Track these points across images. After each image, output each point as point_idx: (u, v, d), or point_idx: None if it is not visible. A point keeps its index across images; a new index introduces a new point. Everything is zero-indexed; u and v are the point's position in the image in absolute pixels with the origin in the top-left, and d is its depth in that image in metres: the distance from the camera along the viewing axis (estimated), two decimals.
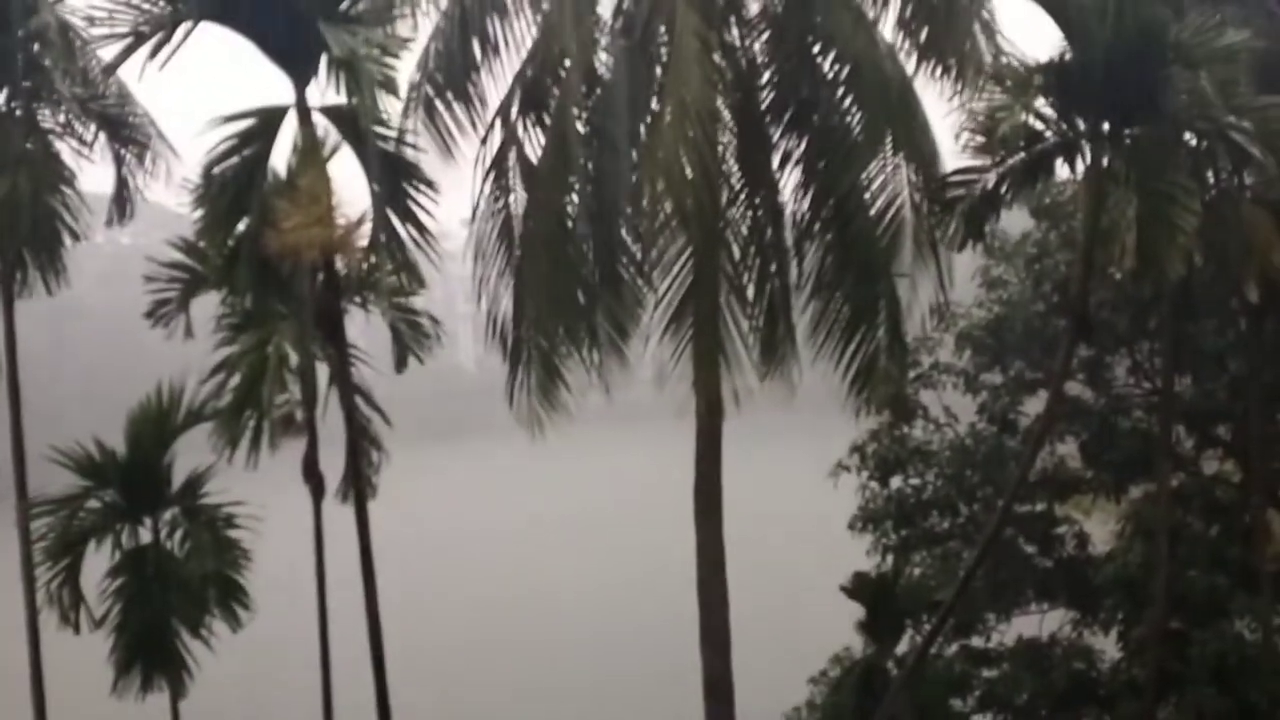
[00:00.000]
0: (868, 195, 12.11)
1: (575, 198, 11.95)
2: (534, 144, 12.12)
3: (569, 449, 25.56)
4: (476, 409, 75.22)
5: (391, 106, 11.95)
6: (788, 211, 12.57)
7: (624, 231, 12.11)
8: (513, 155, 12.20)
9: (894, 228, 12.17)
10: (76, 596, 14.12)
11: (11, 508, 14.97)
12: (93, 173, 14.80)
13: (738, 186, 12.53)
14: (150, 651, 14.39)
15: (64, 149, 14.29)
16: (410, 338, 14.57)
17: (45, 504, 14.28)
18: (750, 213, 12.64)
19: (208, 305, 14.50)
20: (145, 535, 14.50)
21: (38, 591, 14.36)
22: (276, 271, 12.53)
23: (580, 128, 11.53)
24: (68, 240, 14.22)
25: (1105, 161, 12.27)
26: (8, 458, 15.10)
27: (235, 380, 13.65)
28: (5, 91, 14.03)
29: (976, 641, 17.23)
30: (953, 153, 12.38)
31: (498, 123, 12.06)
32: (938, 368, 17.39)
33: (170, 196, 15.13)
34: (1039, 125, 12.40)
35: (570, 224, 12.08)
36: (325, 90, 12.41)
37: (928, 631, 15.35)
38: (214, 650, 14.78)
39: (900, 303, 12.36)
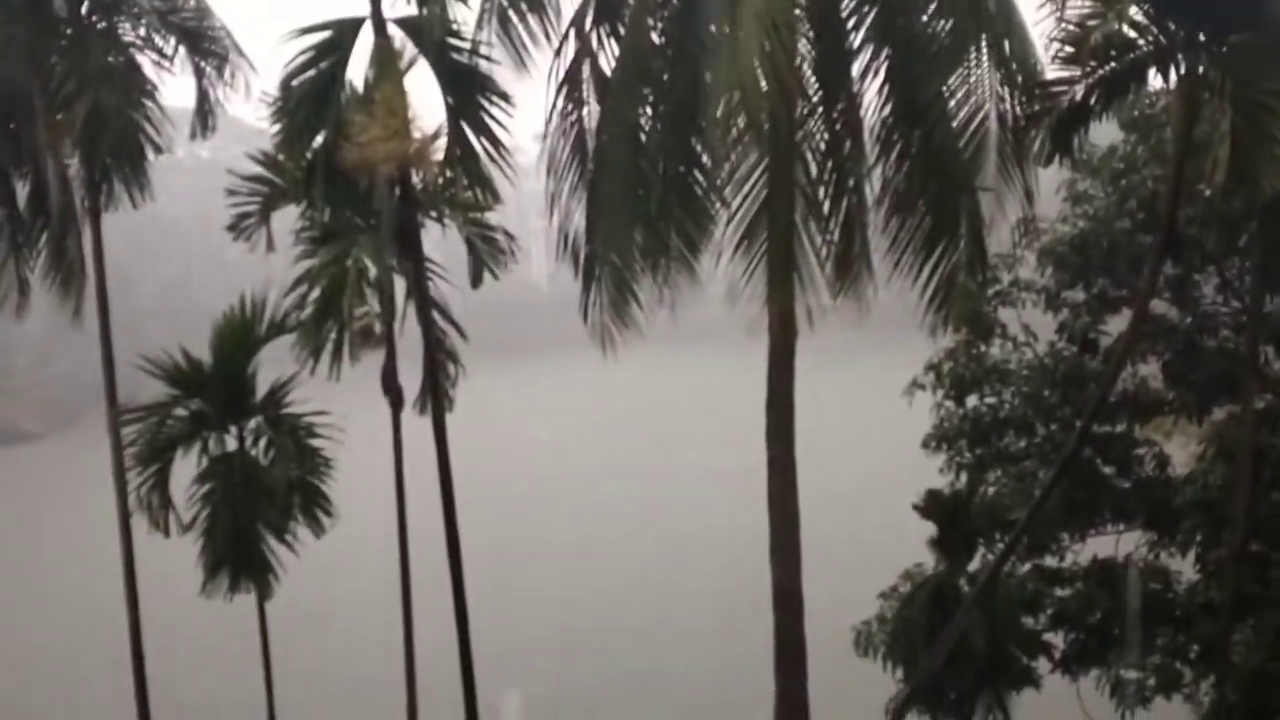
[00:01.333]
0: (951, 106, 11.78)
1: (649, 110, 11.82)
2: (608, 55, 11.97)
3: (640, 366, 25.75)
4: (549, 325, 75.75)
5: (466, 18, 11.87)
6: (867, 123, 12.30)
7: (697, 145, 11.97)
8: (586, 67, 12.06)
9: (978, 140, 11.84)
10: (165, 501, 14.60)
11: (103, 414, 15.49)
12: (174, 86, 15.00)
13: (815, 98, 12.26)
14: (237, 555, 14.87)
15: (145, 63, 14.46)
16: (485, 253, 14.63)
17: (135, 411, 14.71)
18: (827, 125, 12.38)
19: (288, 218, 14.72)
20: (231, 443, 14.92)
21: (129, 495, 14.90)
22: (354, 185, 12.62)
23: (655, 38, 11.35)
24: (150, 154, 14.43)
25: (1200, 71, 11.80)
26: (98, 366, 15.58)
27: (316, 293, 13.88)
28: (85, 5, 14.18)
29: (1050, 561, 17.14)
30: (1043, 63, 11.99)
31: (572, 34, 11.93)
32: (1018, 285, 17.04)
33: (249, 110, 15.29)
34: (1131, 33, 11.94)
35: (643, 137, 11.97)
36: (400, 2, 12.38)
37: (1001, 550, 15.30)
38: (298, 555, 15.22)
39: (982, 217, 12.09)
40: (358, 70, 12.83)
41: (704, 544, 35.33)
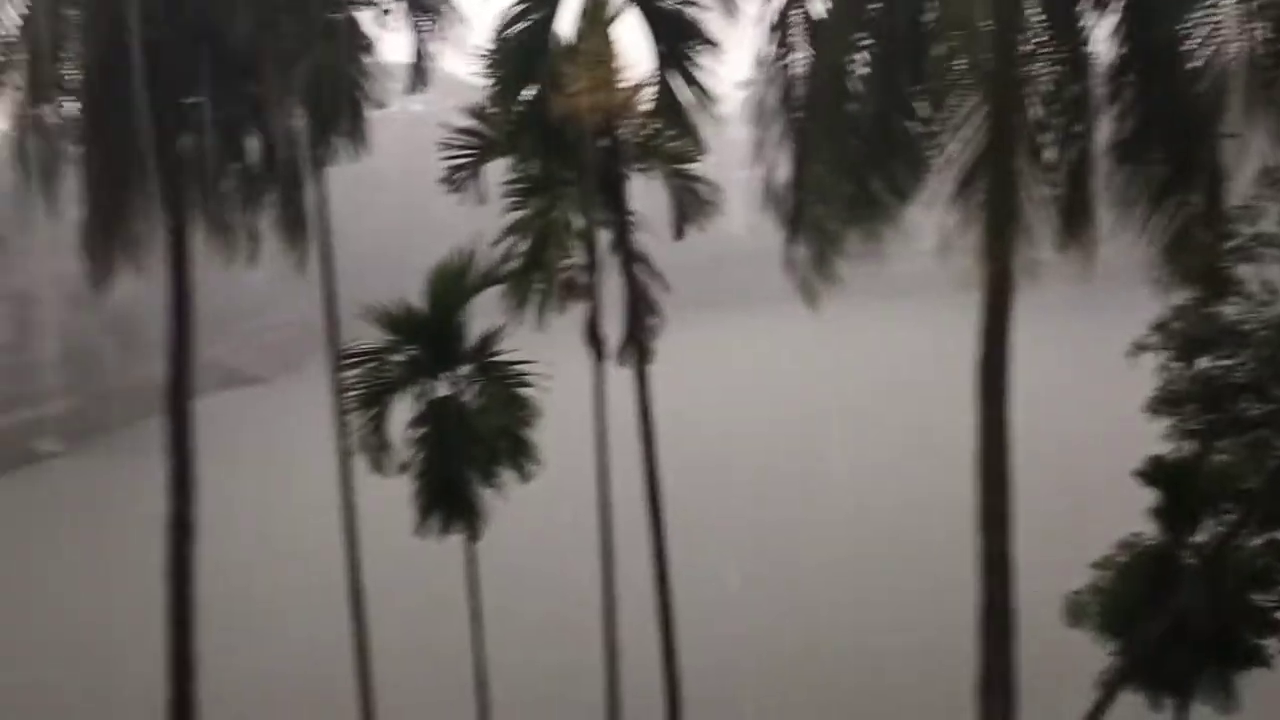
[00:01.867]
0: (1192, 44, 10.93)
1: (861, 55, 11.45)
2: None
3: (842, 319, 25.22)
4: (749, 277, 75.37)
5: None
6: (1096, 65, 11.56)
7: (913, 90, 11.53)
8: (796, 12, 11.77)
9: (1221, 82, 10.96)
10: (383, 443, 15.25)
11: (323, 359, 16.26)
12: (390, 41, 15.44)
13: (1040, 39, 11.61)
14: (448, 498, 15.43)
15: (364, 19, 14.92)
16: (689, 204, 14.57)
17: (355, 357, 15.38)
18: (1053, 68, 11.71)
19: (497, 171, 15.02)
20: (443, 389, 15.44)
21: (349, 437, 15.63)
22: (562, 137, 12.73)
23: None
24: (369, 109, 14.94)
25: None
26: (319, 313, 16.35)
27: (523, 245, 14.16)
28: None
29: None
30: None
31: None
32: (1260, 239, 15.82)
33: (461, 64, 15.63)
34: None
35: (854, 83, 11.61)
36: None
37: (1231, 521, 14.36)
38: (506, 499, 15.66)
39: (1221, 166, 11.23)
40: (568, 22, 12.92)
41: (905, 506, 34.64)
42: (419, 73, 15.18)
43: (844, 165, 11.77)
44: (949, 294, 12.76)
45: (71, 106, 14.11)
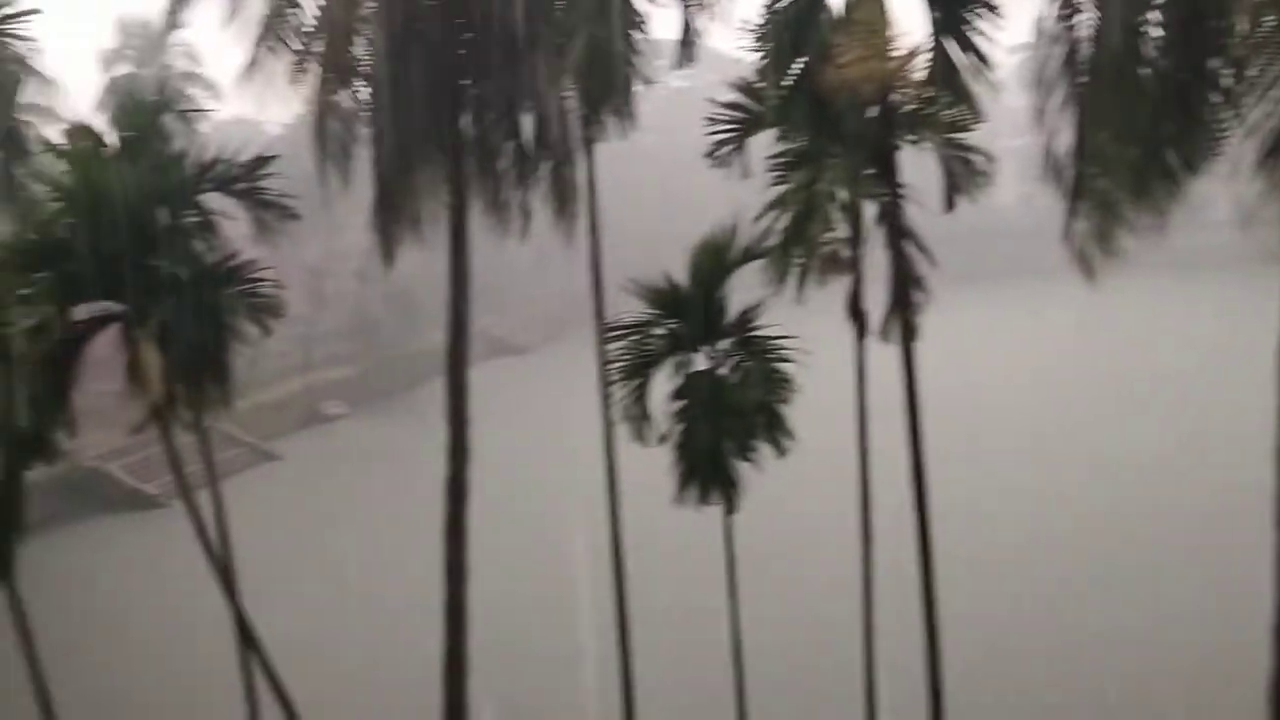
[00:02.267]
0: None
1: (1154, 15, 10.72)
2: None
3: (1121, 295, 23.79)
4: (1018, 251, 72.30)
5: None
6: None
7: (1211, 51, 10.72)
8: None
9: None
10: (645, 414, 15.57)
11: (584, 331, 16.75)
12: (658, 17, 15.65)
13: None
14: (706, 469, 15.60)
15: None
16: (961, 175, 14.07)
17: (619, 329, 15.76)
18: None
19: (761, 145, 14.98)
20: (703, 362, 15.60)
21: (612, 407, 16.07)
22: (831, 109, 12.56)
23: None
24: (638, 85, 15.21)
25: None
26: (582, 286, 16.85)
27: (786, 219, 14.07)
28: None
29: None
30: None
31: None
32: None
33: (725, 38, 15.67)
34: None
35: (1146, 46, 10.90)
36: None
37: None
38: (763, 473, 15.69)
39: None
40: None
41: (1192, 497, 32.41)
42: (687, 48, 15.33)
43: (1132, 134, 11.10)
44: (1242, 268, 11.78)
45: (364, 91, 15.09)
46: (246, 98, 15.96)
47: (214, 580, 15.46)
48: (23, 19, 16.64)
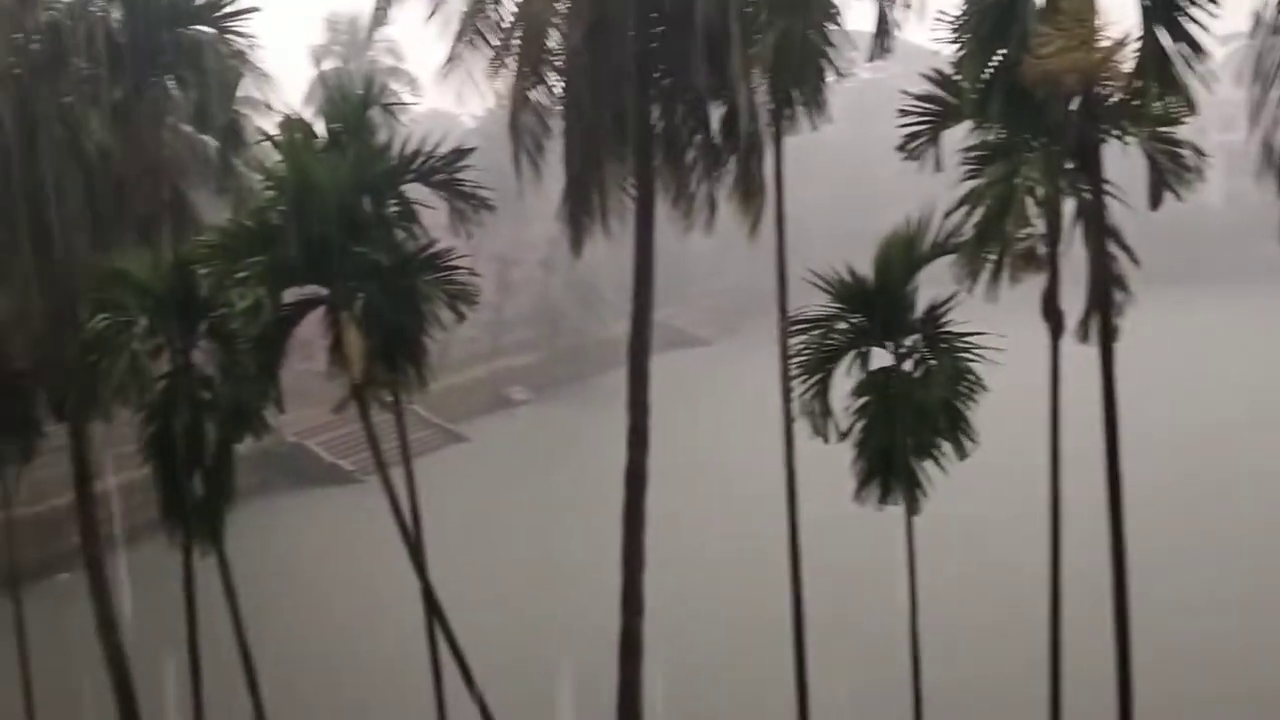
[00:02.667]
0: None
1: None
2: None
3: None
4: (1223, 251, 68.40)
5: None
6: None
7: None
8: None
9: None
10: (825, 410, 15.41)
11: (762, 324, 16.67)
12: (852, 9, 15.45)
13: None
14: (887, 468, 15.34)
15: None
16: (1170, 171, 13.39)
17: (802, 323, 15.63)
18: None
19: (952, 139, 14.62)
20: (887, 358, 15.33)
21: (792, 402, 15.96)
22: (1031, 101, 12.16)
23: None
24: (830, 77, 15.05)
25: None
26: (761, 279, 16.77)
27: (978, 213, 13.70)
28: None
29: None
30: None
31: None
32: None
33: (913, 31, 15.38)
34: None
35: None
36: None
37: None
38: (946, 473, 15.33)
39: None
40: None
41: None
42: (881, 40, 15.08)
43: None
44: None
45: (557, 84, 15.45)
46: (445, 91, 16.59)
47: (404, 553, 16.11)
48: (242, 17, 17.64)
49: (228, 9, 17.35)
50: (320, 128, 15.78)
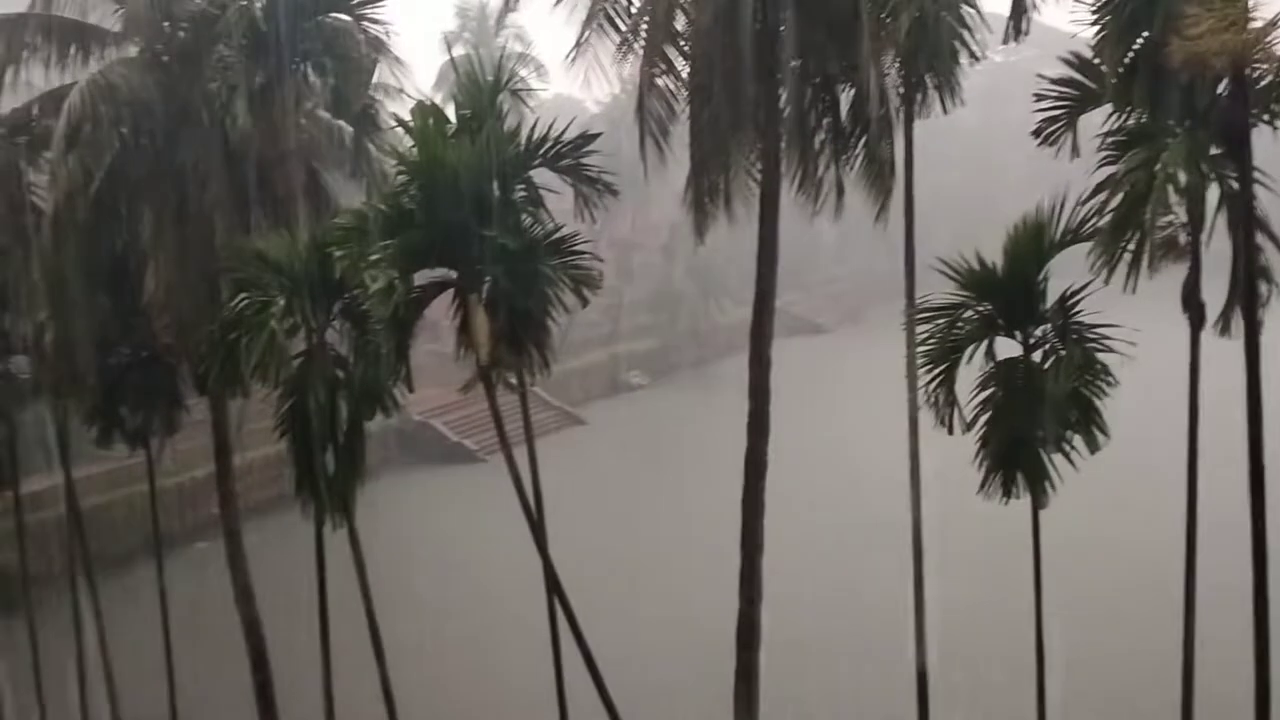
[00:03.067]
0: None
1: None
2: None
3: None
4: None
5: None
6: None
7: None
8: None
9: None
10: (951, 400, 15.12)
11: (885, 311, 16.41)
12: None
13: None
14: (1014, 460, 15.00)
15: None
16: None
17: (928, 311, 15.36)
18: None
19: (1088, 124, 14.19)
20: (1015, 348, 14.98)
21: (918, 391, 15.71)
22: (1176, 84, 11.72)
23: None
24: (965, 60, 14.74)
25: None
26: (885, 266, 16.51)
27: (1116, 200, 13.30)
28: None
29: None
30: None
31: None
32: None
33: (1050, 13, 14.93)
34: None
35: None
36: None
37: None
38: (1076, 467, 14.92)
39: None
40: None
41: None
42: (1018, 21, 14.70)
43: None
44: None
45: (684, 68, 15.44)
46: (571, 77, 16.74)
47: (522, 531, 16.38)
48: (378, 4, 18.06)
49: None
50: (451, 113, 16.06)
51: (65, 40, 18.15)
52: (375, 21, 18.00)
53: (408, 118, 16.09)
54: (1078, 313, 14.79)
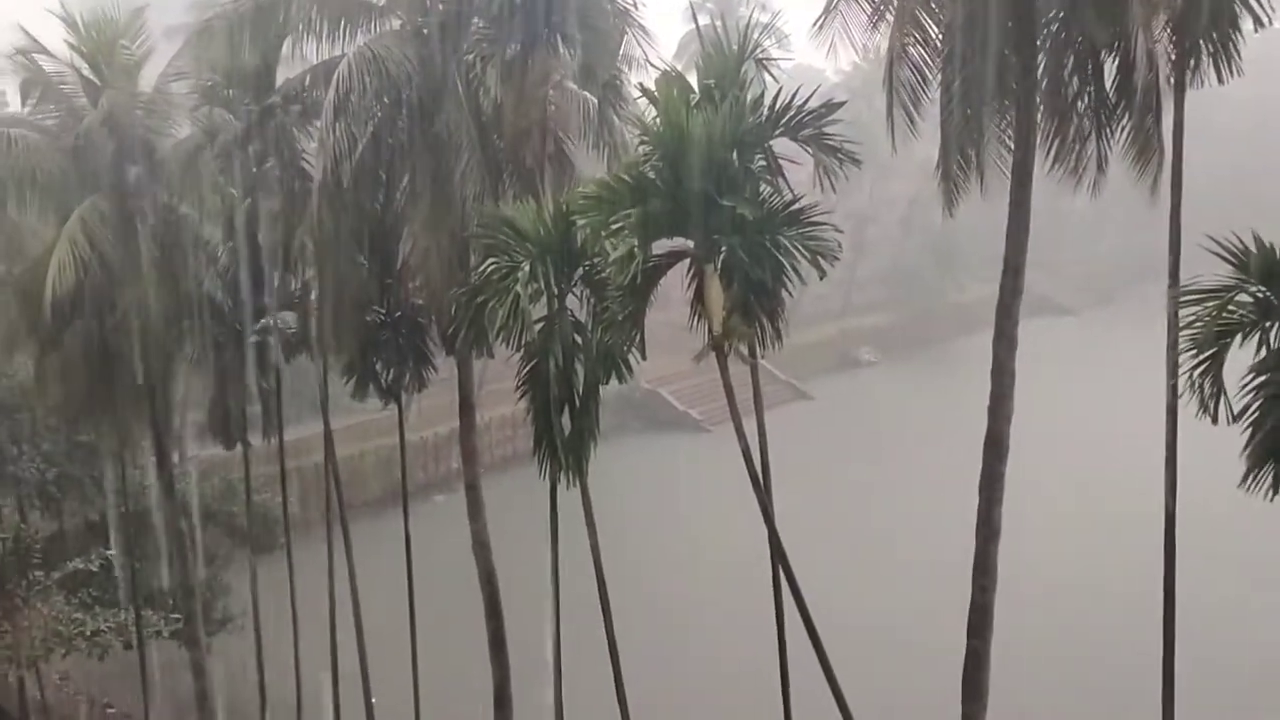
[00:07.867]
0: None
1: None
2: None
3: None
4: None
5: None
6: None
7: None
8: None
9: None
10: (1217, 388, 14.09)
11: (1138, 293, 15.41)
12: None
13: None
14: None
15: None
16: None
17: (1195, 293, 14.34)
18: None
19: None
20: None
21: (1180, 377, 14.70)
22: None
23: None
24: (1249, 26, 13.58)
25: None
26: (1139, 245, 15.49)
27: None
28: None
29: None
30: None
31: None
32: None
33: None
34: None
35: None
36: None
37: None
38: None
39: None
40: None
41: None
42: None
43: None
44: None
45: (938, 37, 14.92)
46: (815, 46, 16.44)
47: (746, 500, 16.32)
48: None
49: None
50: (694, 82, 16.05)
51: (335, 15, 19.23)
52: None
53: (652, 87, 16.18)
54: None
